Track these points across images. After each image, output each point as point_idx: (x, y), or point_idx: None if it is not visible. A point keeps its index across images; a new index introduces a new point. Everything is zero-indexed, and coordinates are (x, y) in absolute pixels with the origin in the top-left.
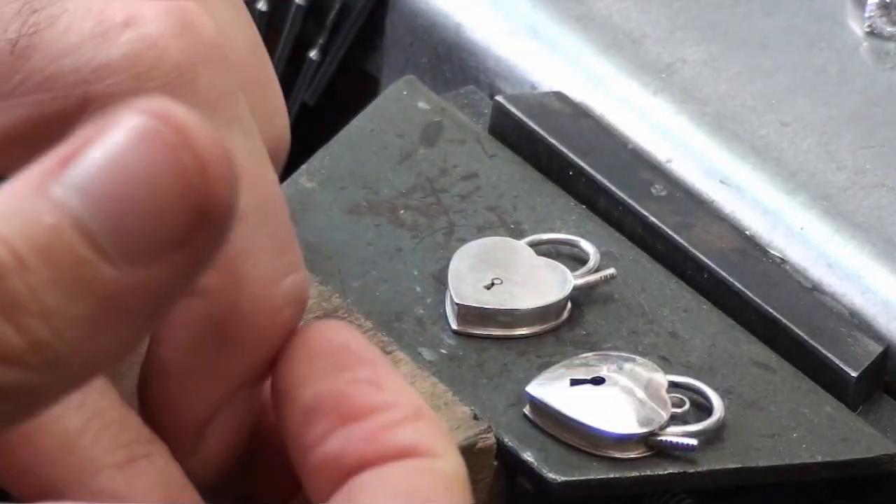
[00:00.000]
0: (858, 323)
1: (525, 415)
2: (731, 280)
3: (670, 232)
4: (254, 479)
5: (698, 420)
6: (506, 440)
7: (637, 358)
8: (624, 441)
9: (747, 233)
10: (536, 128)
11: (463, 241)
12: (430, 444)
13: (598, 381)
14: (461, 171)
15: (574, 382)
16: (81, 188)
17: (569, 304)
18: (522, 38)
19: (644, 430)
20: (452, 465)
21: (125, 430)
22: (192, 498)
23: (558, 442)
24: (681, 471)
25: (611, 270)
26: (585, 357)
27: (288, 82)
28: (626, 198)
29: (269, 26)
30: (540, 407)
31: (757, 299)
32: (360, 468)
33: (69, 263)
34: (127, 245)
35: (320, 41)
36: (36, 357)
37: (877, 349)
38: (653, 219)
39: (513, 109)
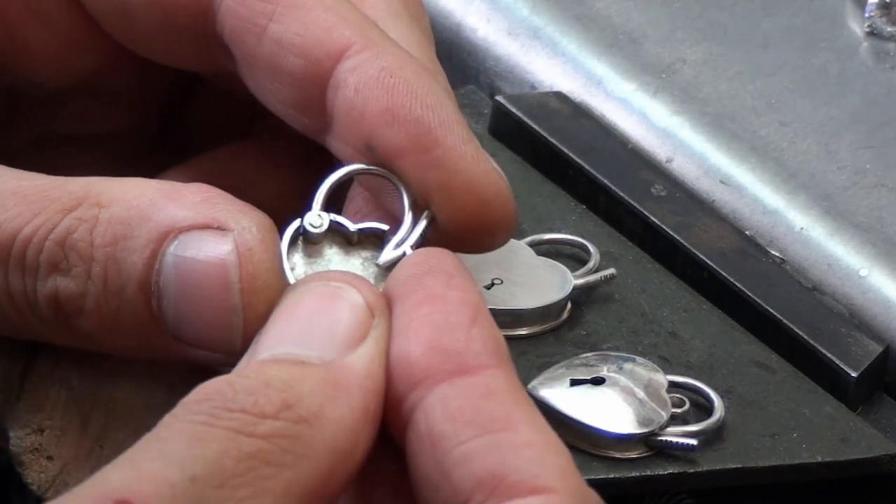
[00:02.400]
0: (858, 323)
1: None
2: (731, 280)
3: (670, 232)
4: None
5: (698, 420)
6: None
7: (637, 358)
8: (624, 441)
9: (747, 233)
10: (536, 128)
11: None
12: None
13: (598, 381)
14: None
15: (574, 382)
16: None
17: (569, 304)
18: (522, 38)
19: (644, 430)
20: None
21: None
22: None
23: None
24: (681, 471)
25: (611, 270)
26: (585, 357)
27: None
28: (626, 198)
29: None
30: (540, 407)
31: (757, 299)
32: None
33: None
34: None
35: None
36: None
37: (877, 349)
38: (653, 219)
39: (513, 109)
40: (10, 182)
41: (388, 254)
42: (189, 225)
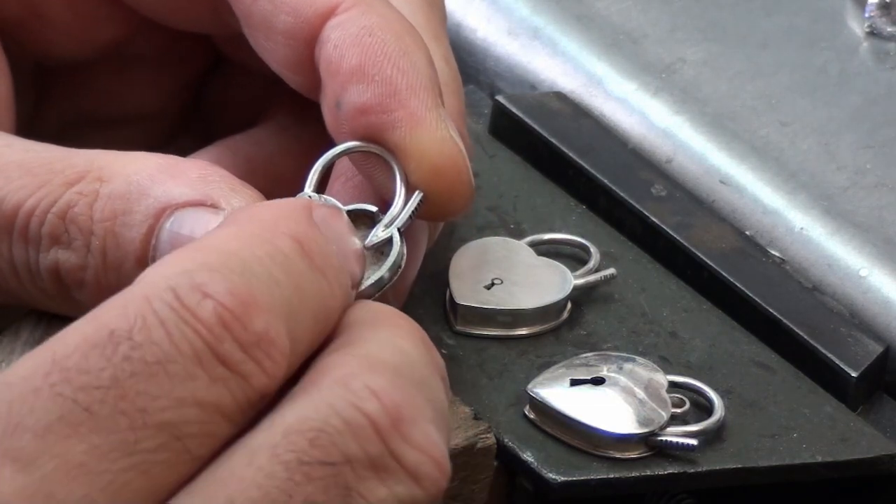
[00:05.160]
0: (858, 323)
1: (525, 415)
2: (731, 280)
3: (670, 232)
4: None
5: (698, 420)
6: (506, 440)
7: (637, 358)
8: (624, 441)
9: (747, 233)
10: (536, 128)
11: (463, 241)
12: None
13: (598, 381)
14: None
15: (574, 382)
16: None
17: (569, 304)
18: (522, 38)
19: (644, 430)
20: None
21: None
22: None
23: (558, 442)
24: (681, 471)
25: (611, 270)
26: (585, 357)
27: None
28: (626, 198)
29: None
30: (540, 407)
31: (757, 299)
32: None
33: None
34: None
35: None
36: None
37: (877, 349)
38: (653, 219)
39: (513, 109)
40: (18, 153)
41: (376, 235)
42: (184, 202)
